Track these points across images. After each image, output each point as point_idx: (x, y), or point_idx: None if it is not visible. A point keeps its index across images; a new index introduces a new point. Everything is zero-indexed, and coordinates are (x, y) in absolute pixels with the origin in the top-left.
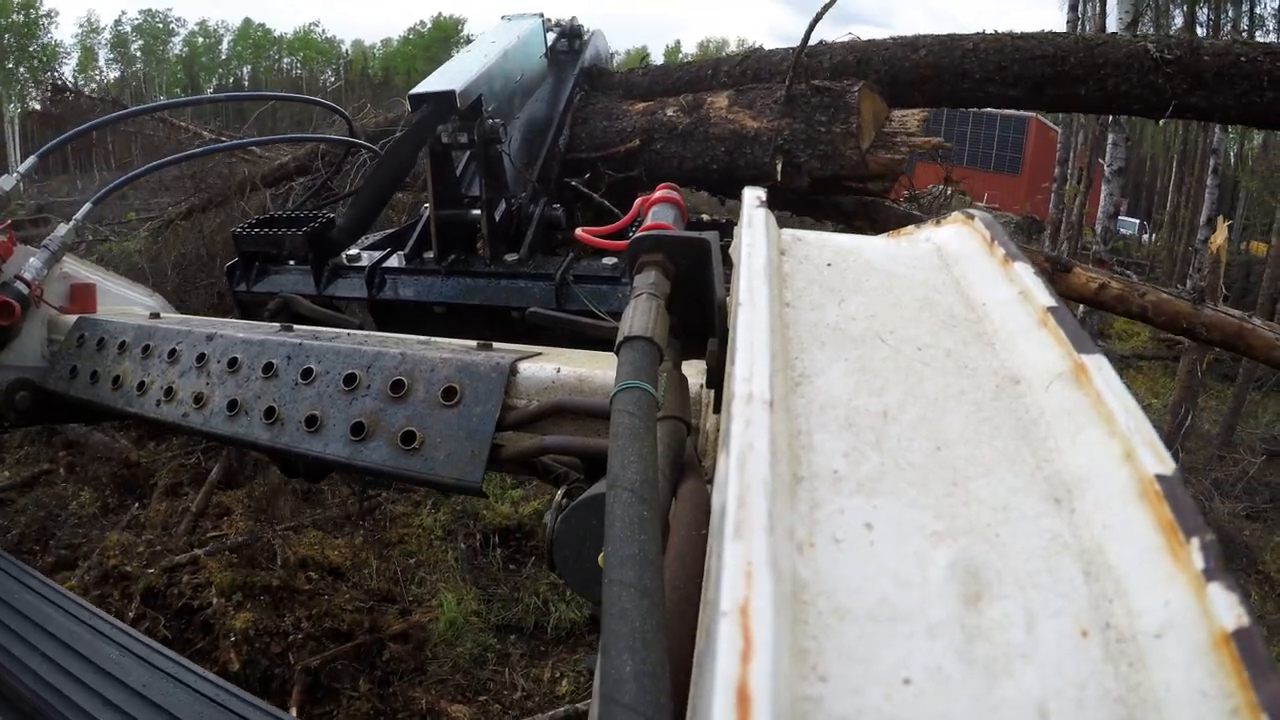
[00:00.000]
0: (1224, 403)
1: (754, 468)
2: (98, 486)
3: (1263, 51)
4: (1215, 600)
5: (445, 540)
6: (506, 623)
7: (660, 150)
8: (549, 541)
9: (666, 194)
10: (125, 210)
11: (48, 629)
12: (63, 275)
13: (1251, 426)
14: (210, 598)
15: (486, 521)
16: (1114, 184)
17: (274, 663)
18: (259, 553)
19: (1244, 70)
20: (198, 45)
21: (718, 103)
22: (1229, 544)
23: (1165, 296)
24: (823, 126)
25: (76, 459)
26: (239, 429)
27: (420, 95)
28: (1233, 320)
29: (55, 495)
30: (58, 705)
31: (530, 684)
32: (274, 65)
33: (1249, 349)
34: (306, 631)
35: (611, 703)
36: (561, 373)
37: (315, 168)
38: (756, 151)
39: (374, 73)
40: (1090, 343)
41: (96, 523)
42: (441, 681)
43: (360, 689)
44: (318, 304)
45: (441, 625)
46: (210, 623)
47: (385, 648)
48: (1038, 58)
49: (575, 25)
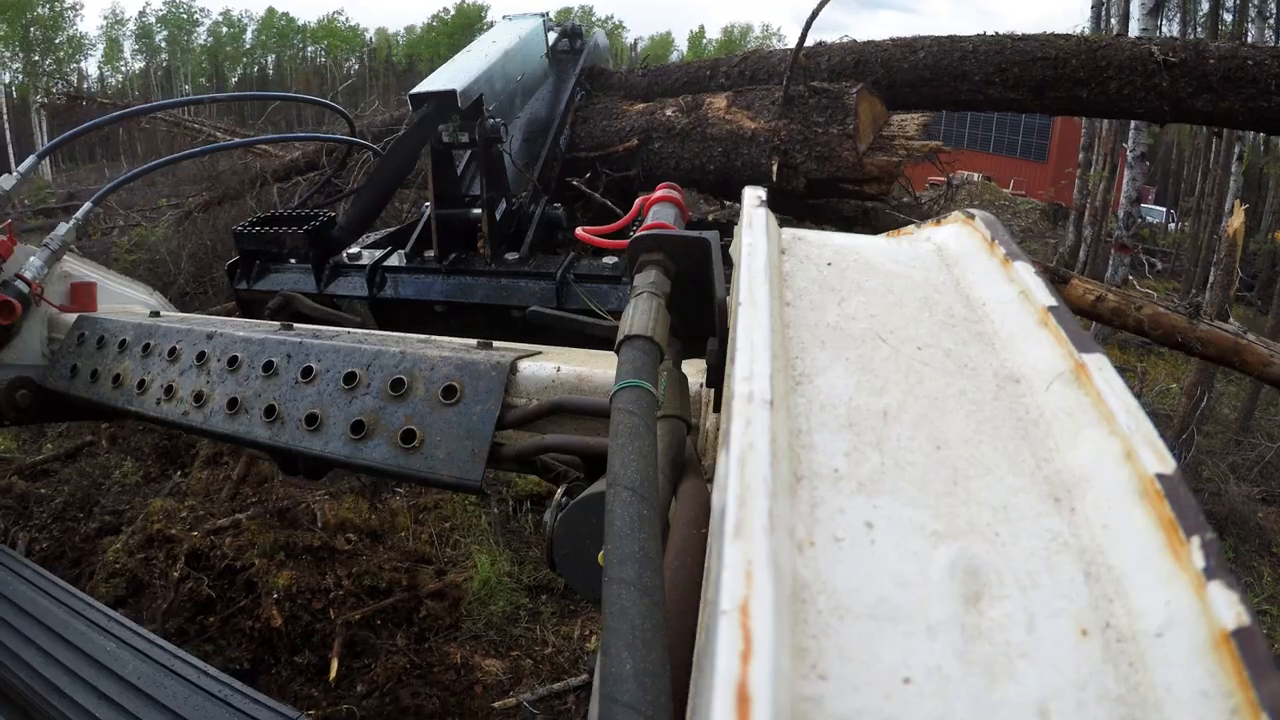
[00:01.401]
0: (1243, 388)
1: (754, 467)
2: (140, 457)
3: (1270, 55)
4: (1215, 599)
5: (479, 506)
6: (538, 583)
7: (658, 150)
8: (549, 540)
9: (667, 193)
10: (156, 197)
11: (42, 620)
12: (63, 274)
13: (1271, 413)
14: (253, 558)
15: (519, 488)
16: (1137, 169)
17: (315, 618)
18: (300, 515)
19: (1251, 74)
20: (222, 35)
21: (716, 103)
22: (1243, 526)
23: (1161, 310)
24: (820, 128)
25: (119, 431)
26: (239, 427)
27: (421, 95)
28: (1228, 336)
29: (99, 465)
30: (50, 698)
31: (561, 640)
32: (298, 54)
33: (1244, 364)
34: (346, 589)
35: (611, 701)
36: (561, 371)
37: (322, 164)
38: (754, 152)
39: (398, 60)
40: (1091, 342)
41: (139, 491)
42: (475, 638)
43: (398, 644)
44: (318, 302)
45: (475, 585)
46: (253, 580)
47: (422, 605)
48: (1038, 60)
49: (576, 25)
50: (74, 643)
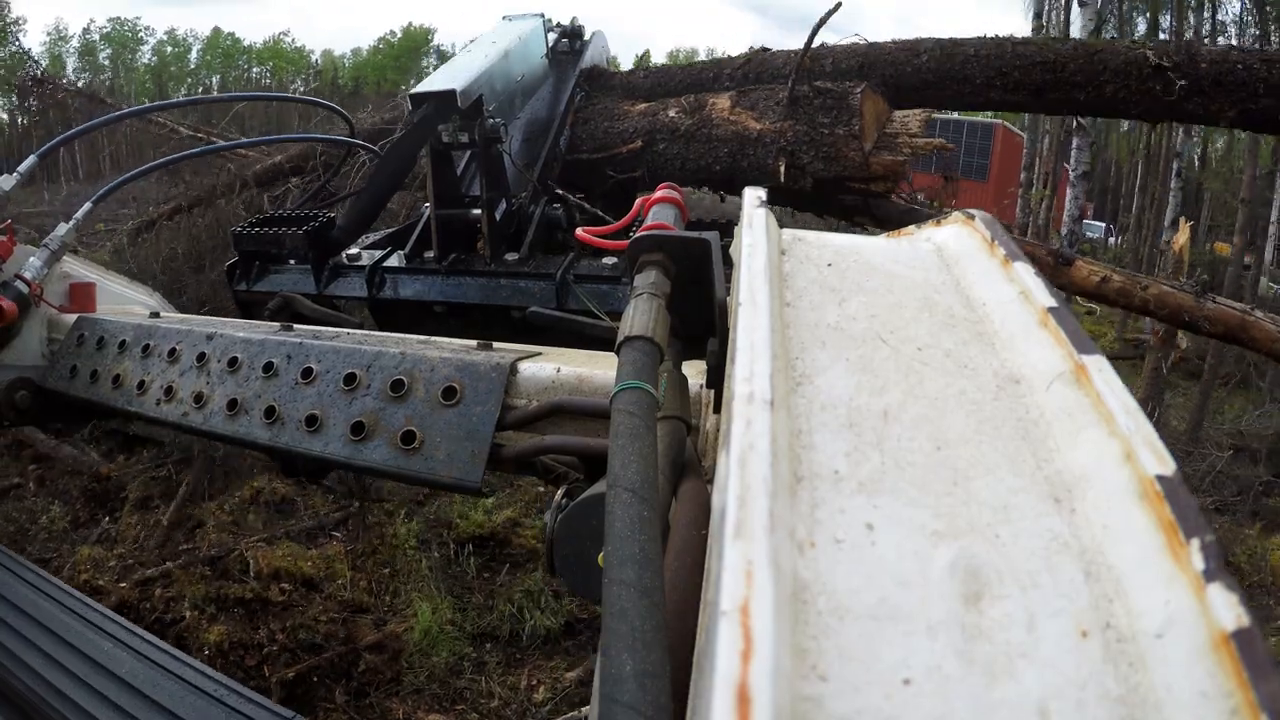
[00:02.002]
0: (1191, 399)
1: (755, 467)
2: (68, 500)
3: (1260, 59)
4: (1215, 600)
5: (420, 550)
6: (482, 631)
7: (663, 151)
8: (549, 541)
9: (667, 194)
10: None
11: (39, 620)
12: (62, 275)
13: (1218, 422)
14: (183, 610)
15: (460, 530)
16: (1079, 187)
17: (249, 675)
18: (232, 565)
19: (1240, 78)
20: (166, 54)
21: (720, 104)
22: None
23: (1168, 289)
24: (826, 128)
25: (46, 473)
26: (239, 428)
27: (421, 95)
28: (1235, 313)
29: (25, 510)
30: (49, 698)
31: (507, 692)
32: (243, 74)
33: (1252, 341)
34: (281, 643)
35: (611, 702)
36: (561, 372)
37: (311, 167)
38: (760, 153)
39: (344, 82)
40: (1090, 343)
41: (67, 537)
42: (418, 691)
43: (336, 701)
44: (318, 303)
45: (417, 635)
46: (184, 636)
47: (361, 658)
48: (1038, 64)
49: (577, 26)
50: (71, 642)
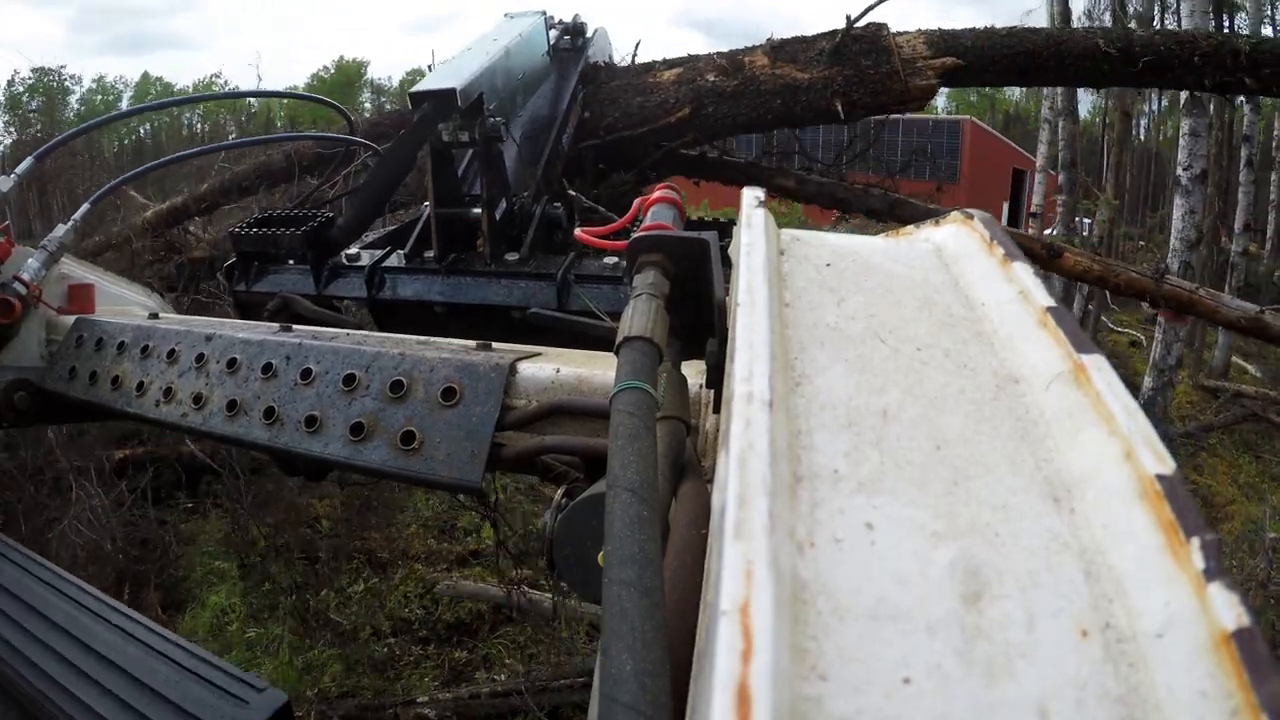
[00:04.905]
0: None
1: (754, 467)
2: None
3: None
4: (1215, 600)
5: None
6: None
7: (712, 113)
8: (549, 541)
9: (665, 194)
10: None
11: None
12: (61, 276)
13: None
14: None
15: None
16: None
17: None
18: None
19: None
20: (95, 104)
21: (758, 60)
22: None
23: (1135, 275)
24: (870, 69)
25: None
26: (238, 429)
27: (421, 93)
28: (1184, 291)
29: None
30: (50, 693)
31: None
32: (176, 120)
33: (1198, 313)
34: None
35: (611, 701)
36: (561, 373)
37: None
38: (812, 98)
39: (279, 123)
40: (1090, 343)
41: None
42: None
43: None
44: (317, 304)
45: None
46: None
47: None
48: (1020, 53)
49: (579, 23)
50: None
